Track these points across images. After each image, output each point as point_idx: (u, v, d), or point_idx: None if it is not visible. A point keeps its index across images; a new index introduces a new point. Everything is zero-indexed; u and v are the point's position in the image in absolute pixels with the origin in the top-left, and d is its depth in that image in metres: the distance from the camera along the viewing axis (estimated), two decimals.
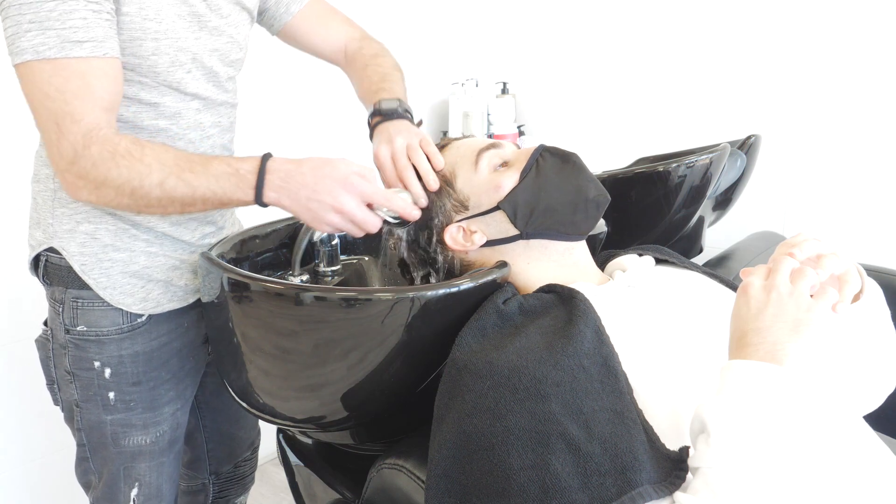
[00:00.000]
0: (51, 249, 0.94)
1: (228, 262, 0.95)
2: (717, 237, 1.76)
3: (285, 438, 1.09)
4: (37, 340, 1.02)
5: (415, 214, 0.86)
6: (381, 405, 0.85)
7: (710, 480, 0.54)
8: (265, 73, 1.38)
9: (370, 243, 1.17)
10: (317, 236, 1.04)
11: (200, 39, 0.93)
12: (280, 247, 1.09)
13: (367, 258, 1.16)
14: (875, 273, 1.58)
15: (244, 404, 0.93)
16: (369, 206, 0.83)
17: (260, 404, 0.90)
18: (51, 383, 1.02)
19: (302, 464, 1.06)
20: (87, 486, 1.07)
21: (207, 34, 0.94)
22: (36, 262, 0.97)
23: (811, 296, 0.61)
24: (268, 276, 1.04)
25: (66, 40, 0.79)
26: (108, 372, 0.97)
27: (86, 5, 0.80)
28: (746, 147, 1.56)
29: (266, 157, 0.83)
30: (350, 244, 1.16)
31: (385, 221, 0.86)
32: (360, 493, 0.87)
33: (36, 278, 0.99)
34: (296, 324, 0.81)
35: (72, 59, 0.80)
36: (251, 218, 1.13)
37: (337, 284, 1.07)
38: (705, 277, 0.87)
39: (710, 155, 1.33)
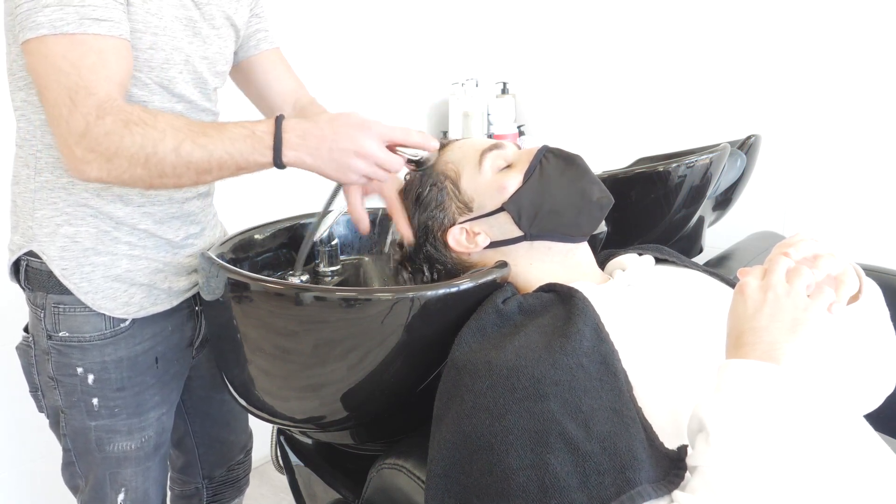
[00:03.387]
0: (30, 254, 0.93)
1: (228, 262, 0.95)
2: (717, 237, 1.76)
3: (285, 438, 1.09)
4: (18, 347, 1.01)
5: (434, 145, 0.86)
6: (381, 405, 0.85)
7: (709, 479, 0.54)
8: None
9: (370, 244, 1.17)
10: (317, 236, 1.04)
11: (193, 44, 0.94)
12: (280, 247, 1.09)
13: (366, 258, 1.16)
14: (875, 273, 1.57)
15: (244, 403, 0.93)
16: (389, 149, 0.84)
17: (260, 404, 0.90)
18: (34, 390, 1.01)
19: (302, 464, 1.06)
20: (74, 490, 1.06)
21: (200, 41, 0.95)
22: (16, 268, 0.95)
23: (808, 296, 0.61)
24: (268, 276, 1.04)
25: (85, 17, 0.79)
26: (91, 378, 0.95)
27: None
28: (746, 147, 1.56)
29: (280, 118, 0.82)
30: (350, 244, 1.16)
31: (407, 160, 0.86)
32: (360, 493, 0.87)
33: (16, 284, 0.97)
34: (296, 324, 0.81)
35: (89, 35, 0.79)
36: (250, 218, 1.13)
37: (337, 284, 1.07)
38: (705, 276, 0.87)
39: (710, 155, 1.33)
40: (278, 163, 0.81)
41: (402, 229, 0.90)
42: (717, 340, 0.69)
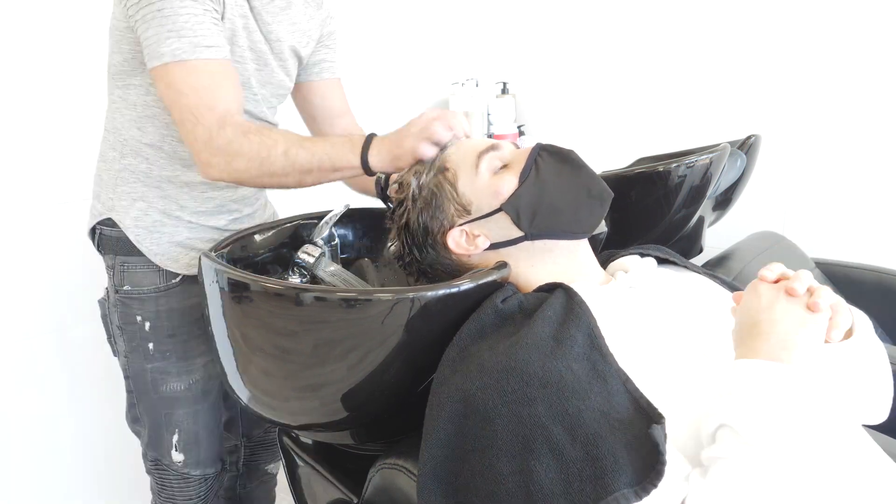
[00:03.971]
0: (104, 222, 1.12)
1: (228, 262, 0.95)
2: (717, 237, 1.76)
3: (286, 438, 1.09)
4: (99, 301, 1.19)
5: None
6: (381, 405, 0.85)
7: (734, 470, 0.55)
8: None
9: (370, 244, 1.17)
10: (315, 236, 1.04)
11: (262, 72, 1.11)
12: (280, 247, 1.09)
13: (366, 259, 1.16)
14: (875, 273, 1.58)
15: (244, 403, 0.93)
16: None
17: (260, 404, 0.90)
18: (109, 337, 1.19)
19: (302, 464, 1.06)
20: (138, 435, 1.23)
21: (269, 71, 1.12)
22: (92, 234, 1.15)
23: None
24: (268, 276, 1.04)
25: (198, 45, 0.95)
26: (147, 325, 1.12)
27: (210, 19, 0.97)
28: (746, 147, 1.56)
29: (372, 134, 0.96)
30: (350, 244, 1.16)
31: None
32: (360, 493, 0.87)
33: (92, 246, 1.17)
34: (296, 324, 0.81)
35: (202, 60, 0.95)
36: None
37: None
38: (707, 279, 0.87)
39: (710, 155, 1.33)
40: (365, 160, 0.94)
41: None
42: (718, 344, 0.70)
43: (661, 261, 0.92)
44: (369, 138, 0.95)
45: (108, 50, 1.06)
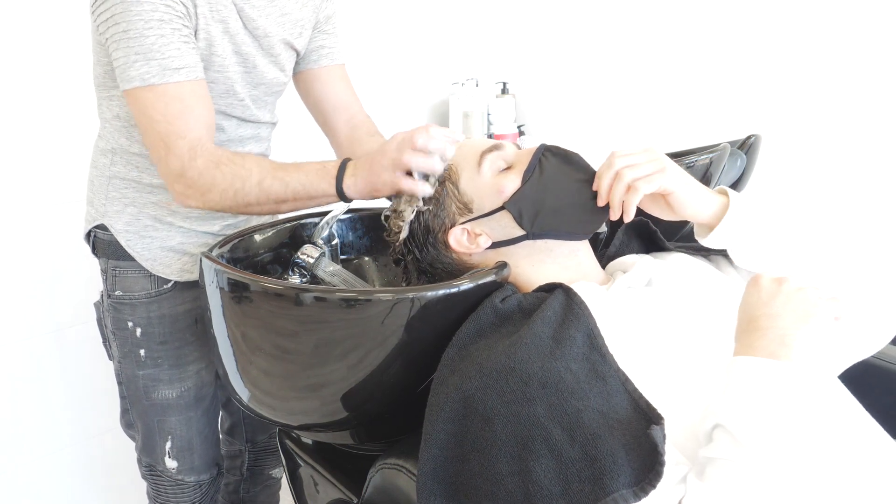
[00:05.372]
0: (99, 227, 1.10)
1: (228, 262, 0.95)
2: None
3: (286, 438, 1.09)
4: (95, 304, 1.19)
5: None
6: (381, 405, 0.85)
7: (729, 472, 0.55)
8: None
9: (370, 244, 1.17)
10: (315, 236, 1.04)
11: (250, 73, 1.07)
12: (280, 247, 1.09)
13: (367, 258, 1.16)
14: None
15: (244, 403, 0.93)
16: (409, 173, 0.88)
17: (260, 404, 0.90)
18: (104, 340, 1.18)
19: (302, 464, 1.06)
20: (132, 439, 1.22)
21: (258, 73, 1.08)
22: (88, 237, 1.13)
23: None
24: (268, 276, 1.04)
25: (167, 68, 0.92)
26: (139, 331, 1.11)
27: (179, 38, 0.93)
28: (746, 147, 1.56)
29: (346, 159, 0.93)
30: (350, 244, 1.16)
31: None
32: (360, 493, 0.88)
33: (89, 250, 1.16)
34: (296, 324, 0.81)
35: (171, 84, 0.92)
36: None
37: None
38: (706, 262, 0.88)
39: (710, 155, 1.33)
40: (340, 187, 0.91)
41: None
42: (719, 343, 0.70)
43: (653, 245, 0.93)
44: (343, 164, 0.91)
45: (92, 61, 1.04)
